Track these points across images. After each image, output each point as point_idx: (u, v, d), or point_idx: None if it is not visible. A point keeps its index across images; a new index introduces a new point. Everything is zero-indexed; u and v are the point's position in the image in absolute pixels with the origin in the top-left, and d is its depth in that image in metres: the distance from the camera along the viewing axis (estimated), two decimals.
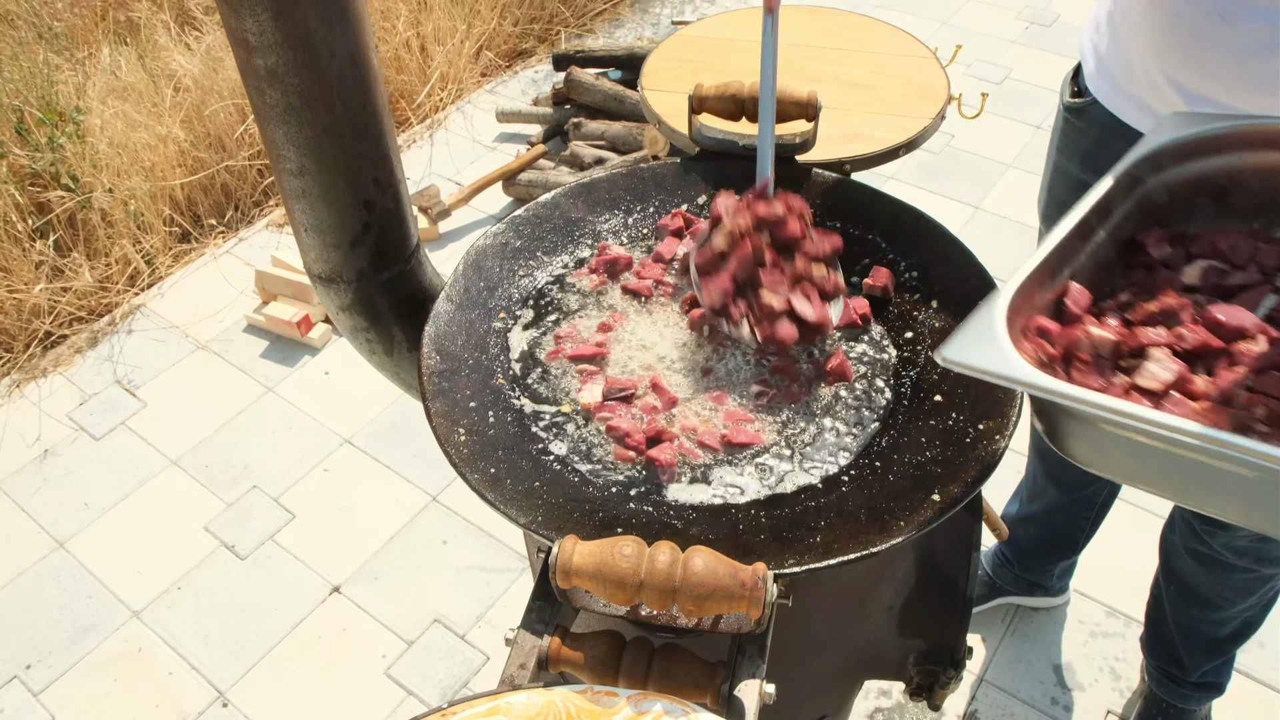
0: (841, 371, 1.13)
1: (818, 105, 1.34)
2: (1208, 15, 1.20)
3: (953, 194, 3.50)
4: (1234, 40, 1.20)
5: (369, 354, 1.35)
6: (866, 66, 1.85)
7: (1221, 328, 0.93)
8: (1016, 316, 0.90)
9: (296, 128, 1.08)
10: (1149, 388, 0.88)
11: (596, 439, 1.09)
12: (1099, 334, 0.92)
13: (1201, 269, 1.02)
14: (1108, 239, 1.04)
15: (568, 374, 1.16)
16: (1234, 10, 1.18)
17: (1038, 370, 0.82)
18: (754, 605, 0.83)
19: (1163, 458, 0.80)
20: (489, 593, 2.37)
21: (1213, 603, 1.80)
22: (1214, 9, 1.19)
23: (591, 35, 4.44)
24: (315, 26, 1.00)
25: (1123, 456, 0.85)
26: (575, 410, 1.12)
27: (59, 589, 2.43)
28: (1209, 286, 1.01)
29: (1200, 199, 1.08)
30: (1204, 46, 1.23)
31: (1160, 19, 1.27)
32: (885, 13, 4.51)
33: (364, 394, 2.86)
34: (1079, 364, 0.93)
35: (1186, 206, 1.08)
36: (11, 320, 3.03)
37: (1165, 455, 0.79)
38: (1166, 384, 0.88)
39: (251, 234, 3.47)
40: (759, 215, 1.16)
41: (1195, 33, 1.23)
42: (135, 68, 3.55)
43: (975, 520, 1.33)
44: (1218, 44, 1.21)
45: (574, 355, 1.16)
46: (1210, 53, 1.23)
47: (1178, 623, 1.90)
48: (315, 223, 1.18)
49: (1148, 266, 1.05)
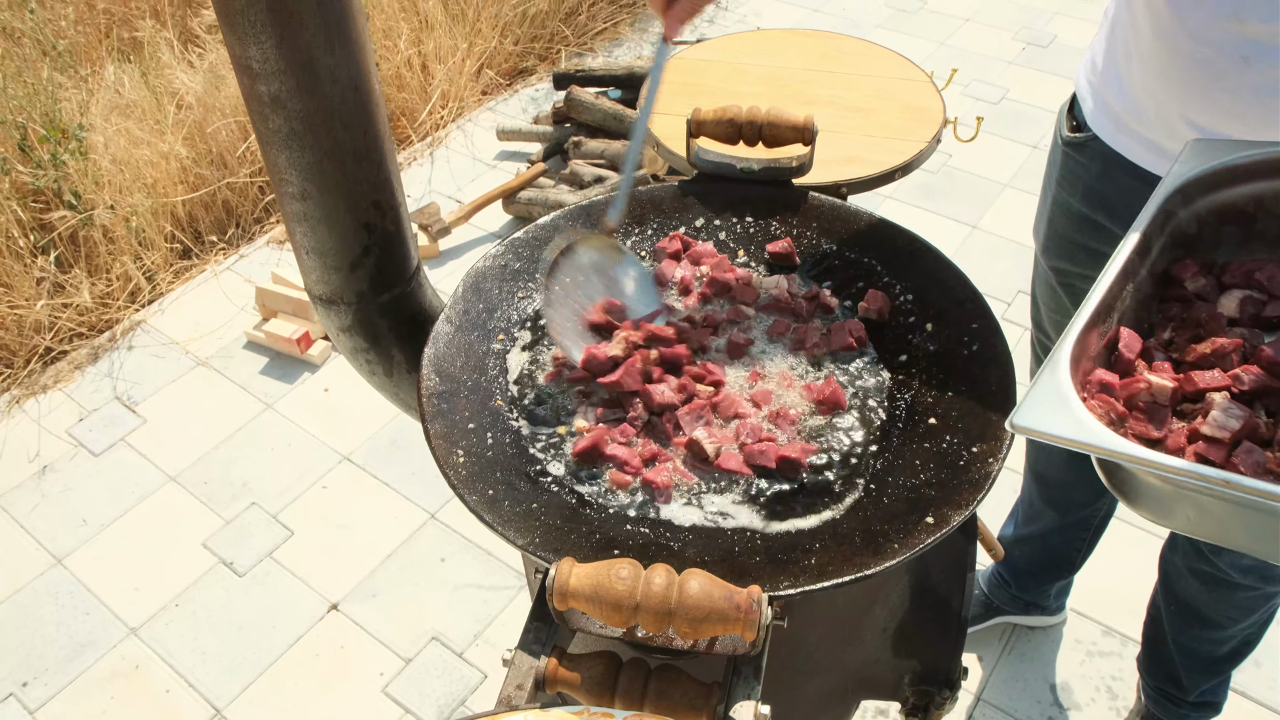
0: (835, 399, 1.14)
1: (814, 129, 1.36)
2: (1229, 58, 1.21)
3: (950, 213, 3.52)
4: (1256, 81, 1.21)
5: (369, 374, 1.36)
6: (862, 90, 1.87)
7: (1278, 366, 0.92)
8: (1077, 369, 0.88)
9: (299, 152, 1.09)
10: (1217, 437, 0.86)
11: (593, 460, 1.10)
12: (1159, 383, 0.91)
13: (1239, 300, 1.01)
14: (1147, 276, 1.04)
15: (565, 395, 1.17)
16: (1255, 52, 1.19)
17: (1114, 434, 0.79)
18: (749, 628, 0.84)
19: (1238, 512, 0.78)
20: (487, 611, 2.38)
21: (1214, 621, 1.80)
22: (1235, 52, 1.20)
23: (591, 54, 4.47)
24: (318, 54, 1.02)
25: (1195, 513, 0.83)
26: (571, 433, 1.13)
27: (56, 605, 2.43)
28: (1247, 318, 1.01)
29: (1228, 226, 1.08)
30: (1226, 88, 1.23)
31: (1175, 62, 1.28)
32: (883, 33, 4.55)
33: (363, 411, 2.87)
34: (1136, 414, 0.91)
35: (1214, 235, 1.08)
36: (12, 336, 3.04)
37: (1241, 511, 0.77)
38: (1236, 433, 0.85)
39: (252, 251, 3.49)
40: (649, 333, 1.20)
41: (1216, 75, 1.23)
42: (139, 85, 3.57)
43: (970, 541, 1.34)
44: (1240, 85, 1.22)
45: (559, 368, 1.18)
46: (1233, 94, 1.23)
47: (1178, 642, 1.90)
48: (316, 245, 1.19)
49: (1183, 299, 1.04)
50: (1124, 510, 2.30)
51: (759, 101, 1.42)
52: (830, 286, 1.30)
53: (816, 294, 1.28)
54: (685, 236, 1.37)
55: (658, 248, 1.37)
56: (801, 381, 1.18)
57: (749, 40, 2.03)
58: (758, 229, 1.39)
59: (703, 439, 1.08)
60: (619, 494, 1.06)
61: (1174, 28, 1.25)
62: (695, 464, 1.09)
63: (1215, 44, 1.21)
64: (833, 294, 1.29)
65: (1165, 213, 1.05)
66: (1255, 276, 1.03)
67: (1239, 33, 1.19)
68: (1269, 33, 1.17)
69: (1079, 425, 0.79)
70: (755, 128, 1.37)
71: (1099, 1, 4.78)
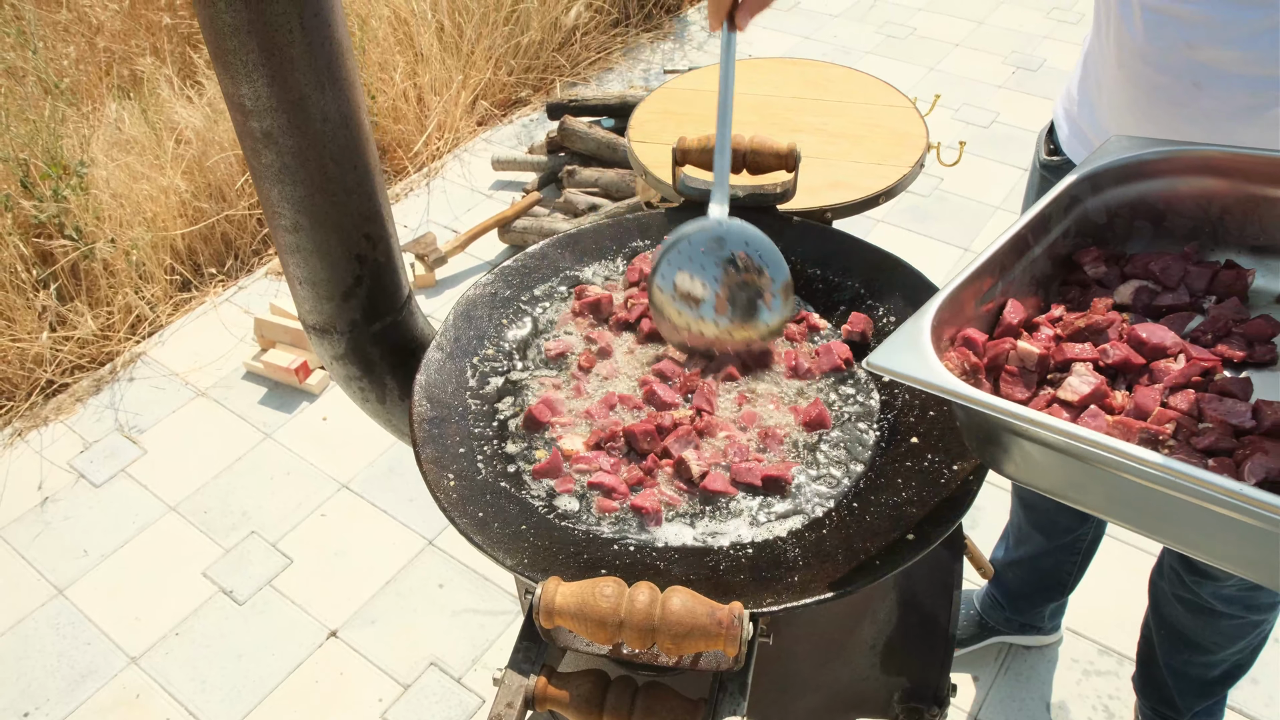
0: (820, 420, 1.16)
1: (797, 156, 1.39)
2: (1183, 84, 1.26)
3: (941, 236, 3.56)
4: (1209, 105, 1.25)
5: (362, 402, 1.38)
6: (848, 117, 1.90)
7: (1144, 345, 0.97)
8: (944, 327, 0.94)
9: (290, 186, 1.12)
10: (1068, 399, 0.92)
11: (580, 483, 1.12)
12: (1025, 347, 0.96)
13: (1134, 289, 1.07)
14: (1044, 255, 1.08)
15: (554, 421, 1.19)
16: (1206, 78, 1.24)
17: (953, 376, 0.85)
18: (730, 643, 0.86)
19: (1069, 467, 0.83)
20: (484, 636, 2.39)
21: (1202, 647, 1.82)
22: (1188, 78, 1.25)
23: (584, 84, 4.52)
24: (309, 92, 1.05)
25: (1021, 459, 0.89)
26: (561, 454, 1.15)
27: (58, 636, 2.44)
28: (1140, 306, 1.06)
29: (1139, 221, 1.13)
30: (1181, 114, 1.28)
31: (1138, 90, 1.33)
32: (874, 59, 4.60)
33: (361, 439, 2.89)
34: (1006, 376, 0.96)
35: (1125, 228, 1.14)
36: (14, 369, 3.07)
37: (1072, 465, 0.82)
38: (1084, 397, 0.91)
39: (251, 282, 3.52)
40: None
41: (1172, 101, 1.28)
42: (139, 121, 3.62)
43: (956, 559, 1.36)
44: (1195, 111, 1.27)
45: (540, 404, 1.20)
46: (1189, 120, 1.28)
47: (1169, 665, 1.91)
48: (309, 276, 1.22)
49: (1083, 284, 1.10)
50: (1117, 530, 2.32)
51: (746, 129, 1.45)
52: (815, 309, 1.33)
53: (804, 317, 1.30)
54: None
55: (630, 267, 1.40)
56: (789, 403, 1.20)
57: (738, 69, 2.07)
58: None
59: (690, 459, 1.11)
60: (607, 515, 1.08)
61: (1134, 57, 1.30)
62: (681, 485, 1.11)
63: (1171, 71, 1.26)
64: (822, 313, 1.32)
65: (1071, 197, 1.09)
66: (1150, 268, 1.08)
67: (1191, 59, 1.23)
68: (1218, 59, 1.22)
69: (924, 366, 0.86)
70: (739, 155, 1.40)
71: (1086, 26, 4.84)
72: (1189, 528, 0.79)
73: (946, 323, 0.95)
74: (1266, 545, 0.72)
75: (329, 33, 1.05)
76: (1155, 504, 0.78)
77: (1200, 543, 0.80)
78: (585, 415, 1.19)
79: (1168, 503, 0.76)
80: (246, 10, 0.98)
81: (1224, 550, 0.79)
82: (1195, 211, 1.11)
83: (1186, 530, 0.79)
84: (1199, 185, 1.09)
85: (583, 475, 1.13)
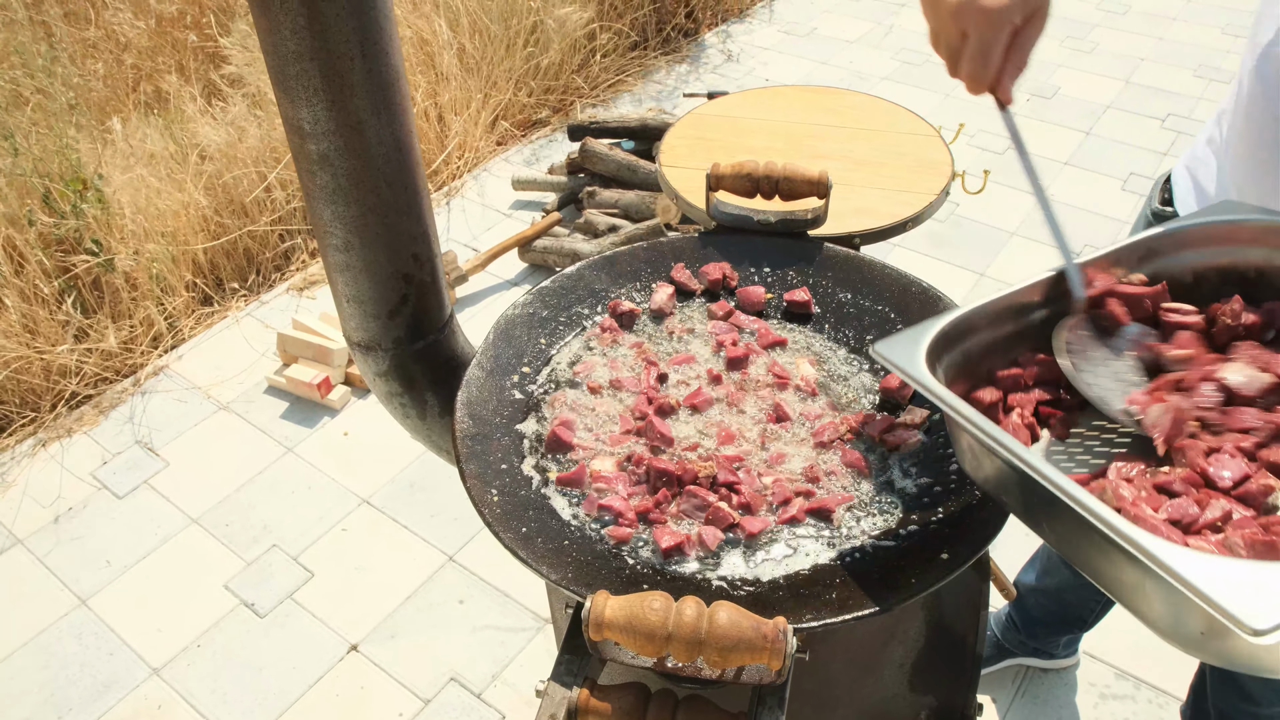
0: (858, 466, 1.18)
1: (828, 184, 1.42)
2: None
3: (958, 261, 3.59)
4: None
5: (402, 418, 1.41)
6: (873, 144, 1.94)
7: None
8: (946, 333, 1.04)
9: (344, 206, 1.16)
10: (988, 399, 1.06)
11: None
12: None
13: None
14: None
15: (578, 444, 1.22)
16: None
17: (930, 377, 0.95)
18: (775, 656, 0.88)
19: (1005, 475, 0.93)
20: (505, 652, 2.41)
21: (1254, 698, 1.77)
22: None
23: (604, 105, 4.57)
24: (365, 117, 1.09)
25: (971, 456, 0.98)
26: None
27: (80, 646, 2.46)
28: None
29: (1228, 288, 1.11)
30: None
31: (1265, 150, 1.27)
32: (890, 85, 4.65)
33: (382, 455, 2.92)
34: None
35: (1213, 293, 1.11)
36: (38, 380, 3.10)
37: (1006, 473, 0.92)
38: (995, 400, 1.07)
39: (272, 297, 3.56)
40: None
41: None
42: (164, 137, 3.67)
43: (984, 580, 1.38)
44: None
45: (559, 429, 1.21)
46: None
47: (1217, 707, 1.86)
48: (357, 294, 1.25)
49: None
50: None
51: (773, 156, 1.49)
52: (848, 333, 1.36)
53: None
54: (729, 269, 1.44)
55: (701, 271, 1.43)
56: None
57: (760, 97, 2.11)
58: (775, 279, 1.44)
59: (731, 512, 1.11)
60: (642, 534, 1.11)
61: (1264, 114, 1.25)
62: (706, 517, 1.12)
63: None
64: (853, 344, 1.34)
65: (1148, 249, 1.11)
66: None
67: None
68: None
69: (912, 362, 0.97)
70: (772, 182, 1.43)
71: (1101, 54, 4.89)
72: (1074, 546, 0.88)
73: (971, 333, 1.05)
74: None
75: (387, 60, 1.08)
76: (1065, 527, 0.87)
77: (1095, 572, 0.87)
78: (610, 439, 1.21)
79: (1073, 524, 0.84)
80: (310, 38, 1.01)
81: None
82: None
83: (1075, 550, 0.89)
84: None
85: (600, 495, 1.14)
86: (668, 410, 1.24)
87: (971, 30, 1.05)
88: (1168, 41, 5.03)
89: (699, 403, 1.25)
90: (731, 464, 1.17)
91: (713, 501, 1.12)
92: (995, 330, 1.09)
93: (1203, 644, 0.77)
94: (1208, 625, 0.74)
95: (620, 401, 1.27)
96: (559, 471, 1.18)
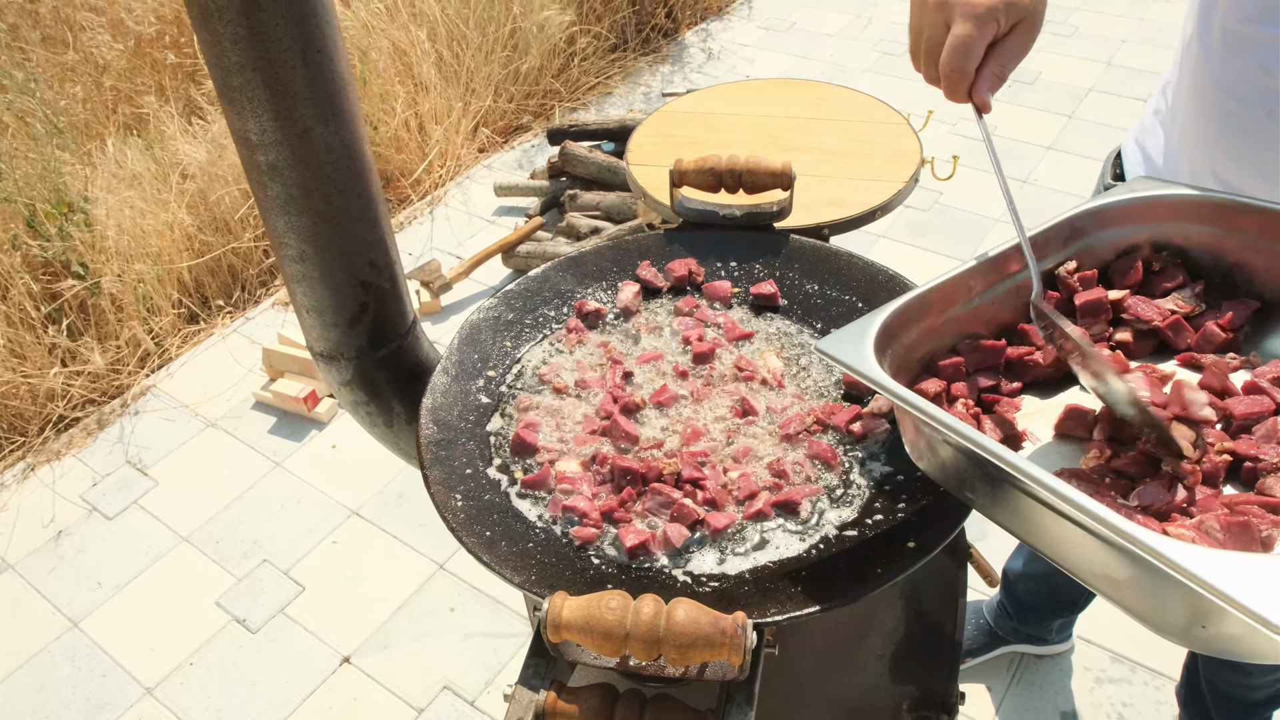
0: (825, 457, 1.17)
1: (792, 175, 1.41)
2: (1255, 112, 1.22)
3: (941, 249, 3.58)
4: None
5: (370, 426, 1.41)
6: (844, 135, 1.93)
7: None
8: (909, 327, 1.05)
9: (296, 216, 1.15)
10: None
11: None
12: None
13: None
14: (1040, 279, 1.10)
15: (543, 445, 1.21)
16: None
17: (878, 368, 0.94)
18: (734, 652, 0.88)
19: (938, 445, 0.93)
20: (497, 659, 2.40)
21: (1243, 669, 1.78)
22: (1261, 106, 1.21)
23: (584, 109, 4.57)
24: (312, 125, 1.08)
25: (926, 447, 0.97)
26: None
27: (73, 668, 2.46)
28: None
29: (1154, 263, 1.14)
30: (1252, 144, 1.24)
31: (1210, 117, 1.28)
32: (871, 77, 4.64)
33: (370, 466, 2.91)
34: None
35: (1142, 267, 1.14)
36: (26, 404, 3.10)
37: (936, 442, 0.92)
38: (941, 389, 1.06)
39: (258, 313, 3.56)
40: None
41: (1244, 130, 1.24)
42: (145, 158, 3.67)
43: (960, 567, 1.37)
44: (1265, 141, 1.22)
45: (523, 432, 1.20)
46: (1259, 151, 1.24)
47: (1210, 682, 1.88)
48: (315, 304, 1.24)
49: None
50: None
51: (743, 150, 1.48)
52: (815, 323, 1.35)
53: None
54: (695, 265, 1.43)
55: (666, 268, 1.42)
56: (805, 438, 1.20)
57: (733, 91, 2.11)
58: (742, 272, 1.44)
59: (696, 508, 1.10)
60: (605, 535, 1.10)
61: (1209, 82, 1.25)
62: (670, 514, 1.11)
63: (1244, 98, 1.22)
64: (820, 334, 1.33)
65: (1072, 228, 1.12)
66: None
67: (1267, 86, 1.18)
68: None
69: (859, 358, 0.95)
70: (735, 176, 1.42)
71: (1081, 37, 4.89)
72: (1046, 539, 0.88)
73: (912, 323, 1.03)
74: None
75: (331, 67, 1.07)
76: (1013, 503, 0.87)
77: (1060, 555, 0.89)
78: (575, 440, 1.20)
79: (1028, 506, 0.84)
80: (252, 48, 1.01)
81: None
82: (1207, 260, 1.11)
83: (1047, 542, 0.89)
84: (1211, 234, 1.09)
85: (565, 496, 1.14)
86: (633, 409, 1.24)
87: (955, 22, 1.08)
88: (1148, 22, 5.02)
89: (665, 400, 1.24)
90: (696, 460, 1.16)
91: (677, 498, 1.11)
92: (940, 316, 1.08)
93: (1187, 633, 0.77)
94: (1203, 618, 0.74)
95: (586, 402, 1.26)
96: (524, 474, 1.17)
